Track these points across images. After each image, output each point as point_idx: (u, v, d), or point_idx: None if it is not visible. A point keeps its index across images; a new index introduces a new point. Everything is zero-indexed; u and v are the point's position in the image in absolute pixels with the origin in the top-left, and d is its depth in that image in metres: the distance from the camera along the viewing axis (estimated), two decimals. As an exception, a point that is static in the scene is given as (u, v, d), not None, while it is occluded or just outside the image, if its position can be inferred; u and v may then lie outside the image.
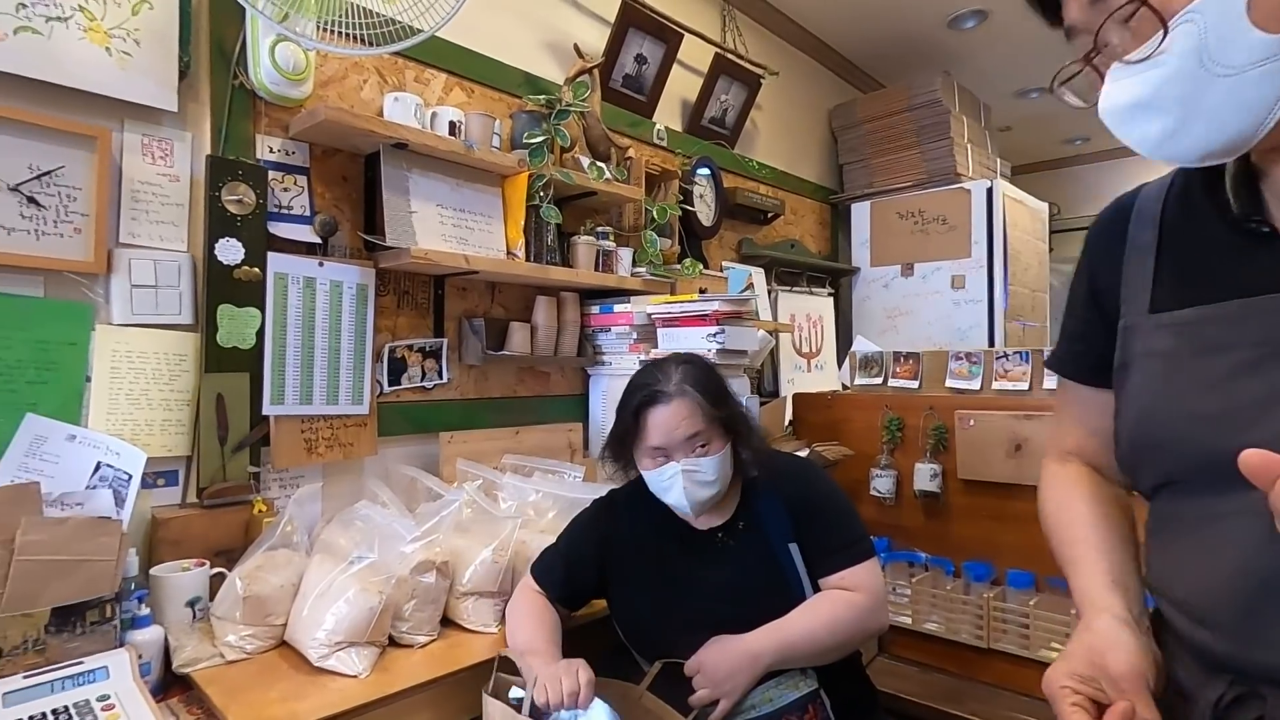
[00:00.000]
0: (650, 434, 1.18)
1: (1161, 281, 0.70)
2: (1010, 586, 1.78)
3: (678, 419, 1.17)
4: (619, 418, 1.25)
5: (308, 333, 1.49)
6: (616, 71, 2.22)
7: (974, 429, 1.87)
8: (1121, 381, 0.73)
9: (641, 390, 1.20)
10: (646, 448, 1.19)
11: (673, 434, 1.17)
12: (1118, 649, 0.62)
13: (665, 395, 1.18)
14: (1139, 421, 0.70)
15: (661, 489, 1.20)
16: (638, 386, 1.23)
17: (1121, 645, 0.62)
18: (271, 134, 1.49)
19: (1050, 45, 3.06)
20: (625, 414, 1.22)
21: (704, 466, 1.17)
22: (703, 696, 1.08)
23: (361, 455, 1.59)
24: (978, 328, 2.80)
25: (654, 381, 1.20)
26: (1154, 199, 0.73)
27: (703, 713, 1.09)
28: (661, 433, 1.17)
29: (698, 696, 1.08)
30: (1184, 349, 0.67)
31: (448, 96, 1.81)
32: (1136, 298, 0.72)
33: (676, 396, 1.18)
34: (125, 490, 1.23)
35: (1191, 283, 0.68)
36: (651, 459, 1.20)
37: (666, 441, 1.17)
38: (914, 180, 3.05)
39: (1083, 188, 4.93)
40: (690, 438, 1.17)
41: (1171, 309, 0.68)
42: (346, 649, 1.13)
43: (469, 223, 1.69)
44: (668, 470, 1.18)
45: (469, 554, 1.33)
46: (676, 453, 1.17)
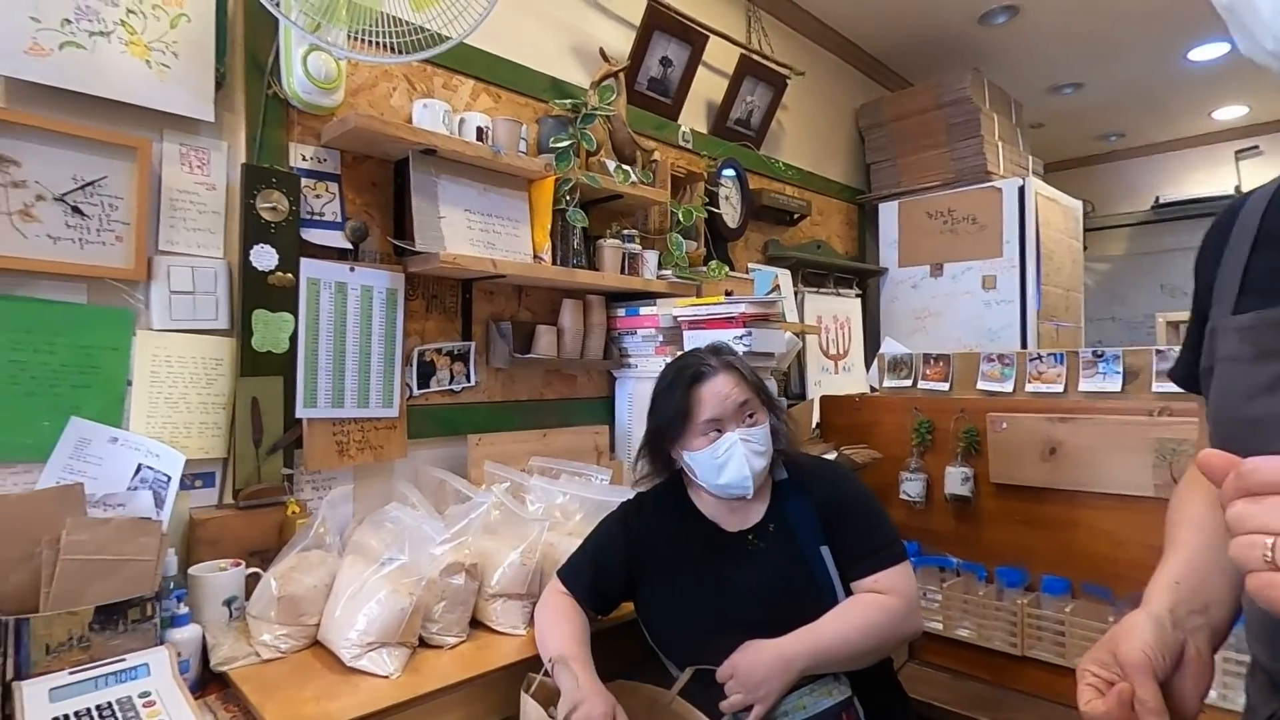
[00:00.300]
0: (704, 407, 1.20)
1: (1248, 284, 0.69)
2: (1045, 593, 1.74)
3: (728, 387, 1.21)
4: (661, 406, 1.26)
5: (339, 337, 1.51)
6: (641, 74, 2.22)
7: (1007, 432, 1.83)
8: (1206, 386, 0.73)
9: (687, 370, 1.24)
10: (699, 424, 1.21)
11: (726, 402, 1.20)
12: (1132, 638, 0.64)
13: (712, 369, 1.23)
14: (1212, 428, 0.70)
15: (717, 466, 1.20)
16: (680, 369, 1.26)
17: (1137, 635, 0.64)
18: (304, 142, 1.52)
19: (1082, 40, 3.01)
20: (672, 396, 1.23)
21: (756, 436, 1.21)
22: (736, 702, 1.07)
23: (391, 457, 1.61)
24: (1010, 329, 2.75)
25: (696, 362, 1.25)
26: (1261, 199, 0.72)
27: (736, 717, 1.09)
28: (715, 402, 1.20)
29: (730, 702, 1.08)
30: (1245, 353, 0.66)
31: (475, 102, 1.82)
32: (1224, 300, 0.71)
33: (722, 369, 1.23)
34: (165, 491, 1.26)
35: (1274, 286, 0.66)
36: (704, 435, 1.21)
37: (721, 411, 1.20)
38: (943, 179, 3.00)
39: (1118, 184, 4.82)
40: (741, 405, 1.21)
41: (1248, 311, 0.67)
42: (378, 649, 1.15)
43: (496, 227, 1.70)
44: (724, 443, 1.19)
45: (497, 556, 1.34)
46: (729, 423, 1.20)
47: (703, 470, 1.22)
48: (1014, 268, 2.76)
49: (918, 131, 3.08)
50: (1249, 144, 4.31)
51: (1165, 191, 4.58)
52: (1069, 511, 1.75)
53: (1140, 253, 4.67)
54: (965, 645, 1.82)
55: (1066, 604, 1.70)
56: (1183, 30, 3.09)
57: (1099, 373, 1.77)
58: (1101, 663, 0.65)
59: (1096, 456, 1.70)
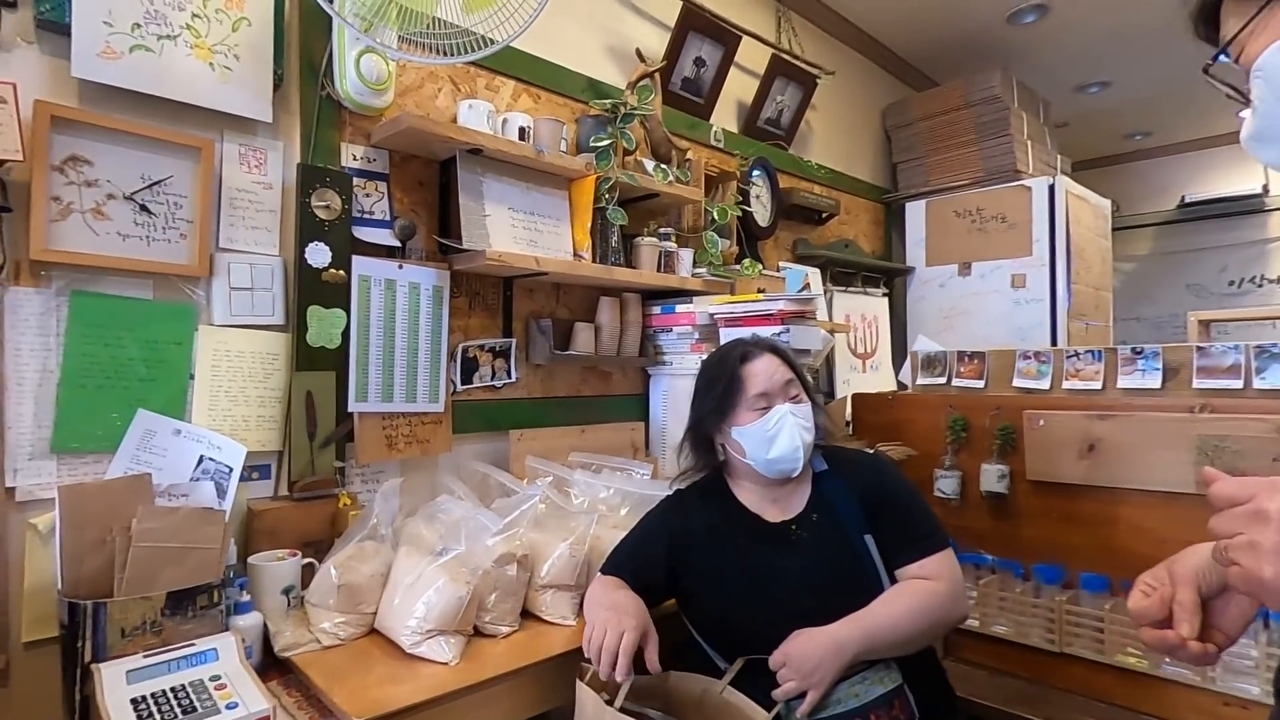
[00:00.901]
0: (754, 381, 1.26)
1: None
2: (1084, 590, 1.74)
3: (773, 366, 1.28)
4: (709, 390, 1.30)
5: (389, 333, 1.54)
6: (675, 75, 2.24)
7: (1043, 429, 1.84)
8: None
9: (734, 352, 1.30)
10: (748, 398, 1.25)
11: (774, 378, 1.26)
12: (1188, 558, 0.72)
13: (758, 351, 1.30)
14: None
15: (768, 439, 1.24)
16: (727, 351, 1.33)
17: (1192, 556, 0.72)
18: (355, 142, 1.55)
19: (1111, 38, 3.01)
20: (722, 374, 1.28)
21: (802, 412, 1.26)
22: (790, 689, 1.09)
23: (437, 451, 1.64)
24: (1039, 327, 2.74)
25: (737, 346, 1.32)
26: None
27: (789, 705, 1.10)
28: (764, 378, 1.26)
29: (784, 689, 1.09)
30: None
31: (516, 103, 1.85)
32: None
33: (767, 350, 1.31)
34: (226, 482, 1.29)
35: None
36: (753, 410, 1.25)
37: (769, 386, 1.25)
38: (971, 178, 3.00)
39: (1144, 184, 4.79)
40: (787, 383, 1.27)
41: None
42: (437, 637, 1.17)
43: (539, 225, 1.73)
44: (774, 415, 1.24)
45: (546, 548, 1.36)
46: (777, 398, 1.25)
47: (752, 445, 1.25)
48: (1044, 266, 2.75)
49: (946, 130, 3.08)
50: (1278, 142, 4.26)
51: (1191, 190, 4.54)
52: (1108, 509, 1.75)
53: (1166, 252, 4.63)
54: (1002, 642, 1.82)
55: (1106, 601, 1.70)
56: (1214, 28, 3.06)
57: (1138, 369, 1.77)
58: (1156, 576, 0.74)
59: (1136, 453, 1.70)
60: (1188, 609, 0.68)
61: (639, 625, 1.10)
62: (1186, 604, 0.68)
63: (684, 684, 1.17)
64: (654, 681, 1.16)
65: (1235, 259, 4.39)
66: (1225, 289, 4.39)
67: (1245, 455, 1.55)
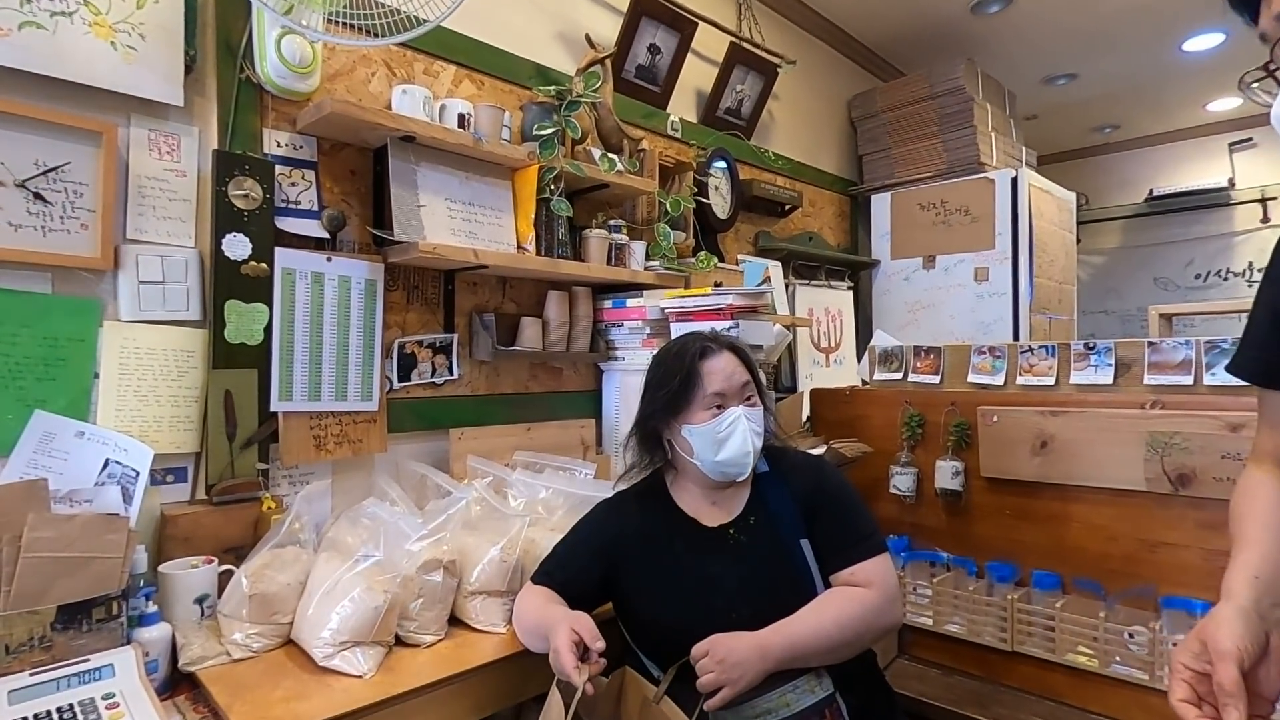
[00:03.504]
0: (710, 380, 1.21)
1: None
2: (1035, 588, 1.72)
3: (732, 366, 1.23)
4: (662, 383, 1.25)
5: (316, 328, 1.47)
6: (629, 62, 2.18)
7: (997, 425, 1.81)
8: None
9: (693, 346, 1.25)
10: (704, 397, 1.21)
11: (731, 378, 1.22)
12: (1221, 629, 0.70)
13: (717, 348, 1.25)
14: None
15: (719, 441, 1.20)
16: (685, 344, 1.27)
17: (1226, 626, 0.70)
18: (279, 128, 1.48)
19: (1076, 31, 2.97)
20: (677, 371, 1.23)
21: (755, 416, 1.22)
22: (709, 680, 1.03)
23: (371, 452, 1.58)
24: (1001, 321, 2.73)
25: (697, 340, 1.26)
26: None
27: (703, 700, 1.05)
28: (721, 377, 1.21)
29: (703, 681, 1.04)
30: None
31: (457, 89, 1.79)
32: None
33: (726, 349, 1.25)
34: (133, 487, 1.22)
35: None
36: (708, 410, 1.21)
37: (726, 386, 1.21)
38: (936, 170, 2.97)
39: (1112, 177, 4.81)
40: (744, 385, 1.23)
41: None
42: (351, 649, 1.12)
43: (479, 216, 1.67)
44: (728, 416, 1.20)
45: (477, 552, 1.31)
46: (732, 399, 1.22)
47: (702, 446, 1.21)
48: (1006, 260, 2.73)
49: (911, 122, 3.05)
50: (1243, 136, 4.29)
51: (1159, 184, 4.56)
52: (1061, 506, 1.73)
53: (1134, 245, 4.66)
54: (955, 640, 1.80)
55: (1057, 599, 1.68)
56: (1177, 21, 3.06)
57: (1090, 365, 1.74)
58: (1194, 653, 0.71)
59: (1088, 450, 1.68)
60: (1232, 692, 0.65)
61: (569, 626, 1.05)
62: (1229, 686, 0.66)
63: (630, 691, 1.13)
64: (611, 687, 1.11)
65: (1201, 252, 4.42)
66: (1191, 282, 4.43)
67: (1194, 452, 1.53)
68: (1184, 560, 1.56)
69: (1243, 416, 1.46)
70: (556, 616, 1.08)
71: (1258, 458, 0.92)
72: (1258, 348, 0.86)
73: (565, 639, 1.01)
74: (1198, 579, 1.53)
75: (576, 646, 1.02)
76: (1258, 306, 0.87)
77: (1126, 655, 1.57)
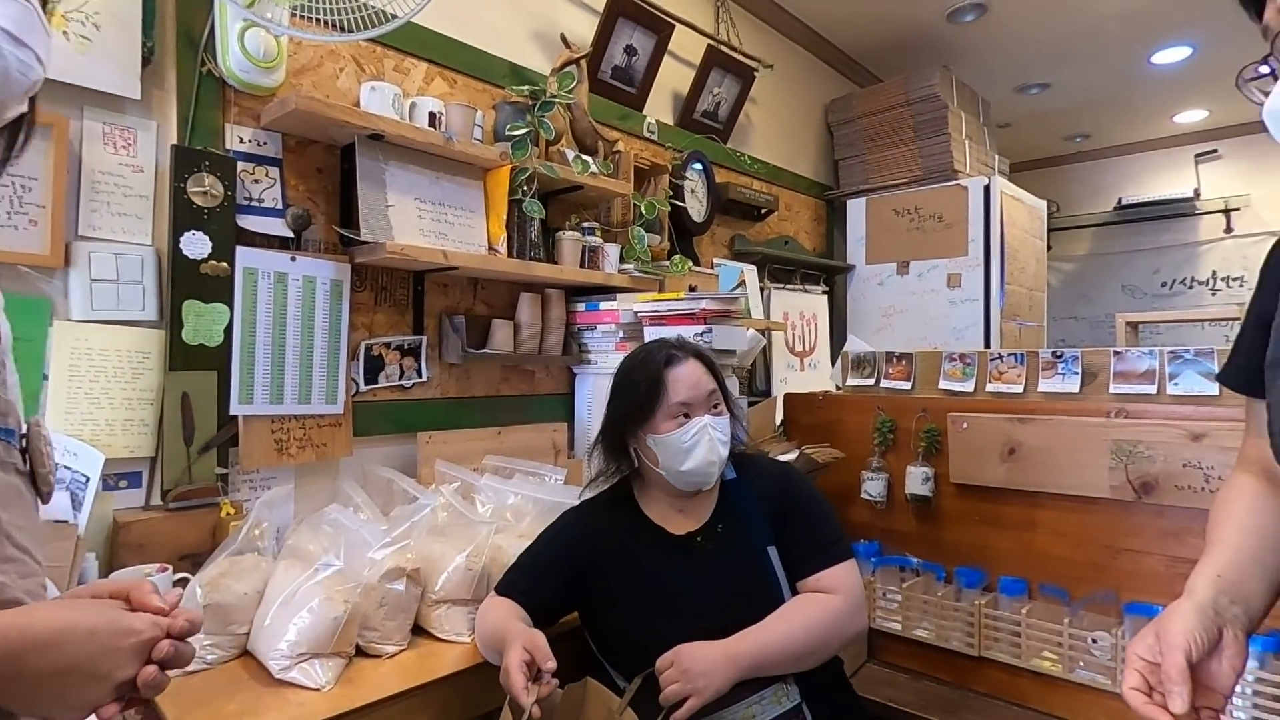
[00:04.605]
0: (676, 389, 1.19)
1: None
2: (1003, 594, 1.74)
3: (698, 374, 1.22)
4: (628, 391, 1.24)
5: (279, 330, 1.44)
6: (605, 63, 2.16)
7: (967, 432, 1.82)
8: (1273, 378, 0.79)
9: (658, 354, 1.23)
10: (669, 406, 1.19)
11: (697, 387, 1.20)
12: (1174, 621, 0.72)
13: (683, 356, 1.23)
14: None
15: (684, 450, 1.18)
16: (650, 352, 1.26)
17: (1178, 619, 0.72)
18: (242, 123, 1.44)
19: (1050, 41, 3.00)
20: (642, 379, 1.22)
21: (721, 425, 1.21)
22: (674, 691, 1.02)
23: (336, 456, 1.54)
24: (974, 327, 2.75)
25: (663, 348, 1.25)
26: None
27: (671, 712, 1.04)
28: (687, 386, 1.20)
29: (668, 691, 1.03)
30: None
31: (429, 87, 1.75)
32: None
33: (692, 357, 1.24)
34: (83, 493, 1.18)
35: None
36: (673, 419, 1.19)
37: (692, 395, 1.20)
38: (910, 177, 3.00)
39: (1083, 185, 4.89)
40: (710, 394, 1.22)
41: None
42: (309, 660, 1.09)
43: (449, 217, 1.64)
44: (693, 426, 1.19)
45: (442, 560, 1.28)
46: (698, 409, 1.20)
47: (667, 455, 1.19)
48: (979, 266, 2.76)
49: (886, 128, 3.07)
50: (1208, 148, 4.39)
51: (1128, 193, 4.65)
52: (1028, 512, 1.74)
53: (1103, 253, 4.74)
54: (924, 645, 1.81)
55: (1024, 605, 1.69)
56: (1147, 33, 3.12)
57: (1058, 373, 1.76)
58: (1148, 645, 0.73)
59: (1055, 457, 1.69)
60: (1176, 679, 0.67)
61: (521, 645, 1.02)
62: (1174, 674, 0.67)
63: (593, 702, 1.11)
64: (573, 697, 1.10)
65: (1168, 261, 4.51)
66: (1158, 290, 4.52)
67: (1157, 460, 1.55)
68: (1146, 567, 1.58)
69: (1204, 426, 1.49)
70: (512, 633, 1.06)
71: (1243, 464, 0.93)
72: (1245, 356, 0.87)
73: (516, 658, 0.99)
74: (1159, 585, 1.55)
75: (528, 666, 1.00)
76: (1249, 315, 0.88)
77: (1090, 661, 1.59)
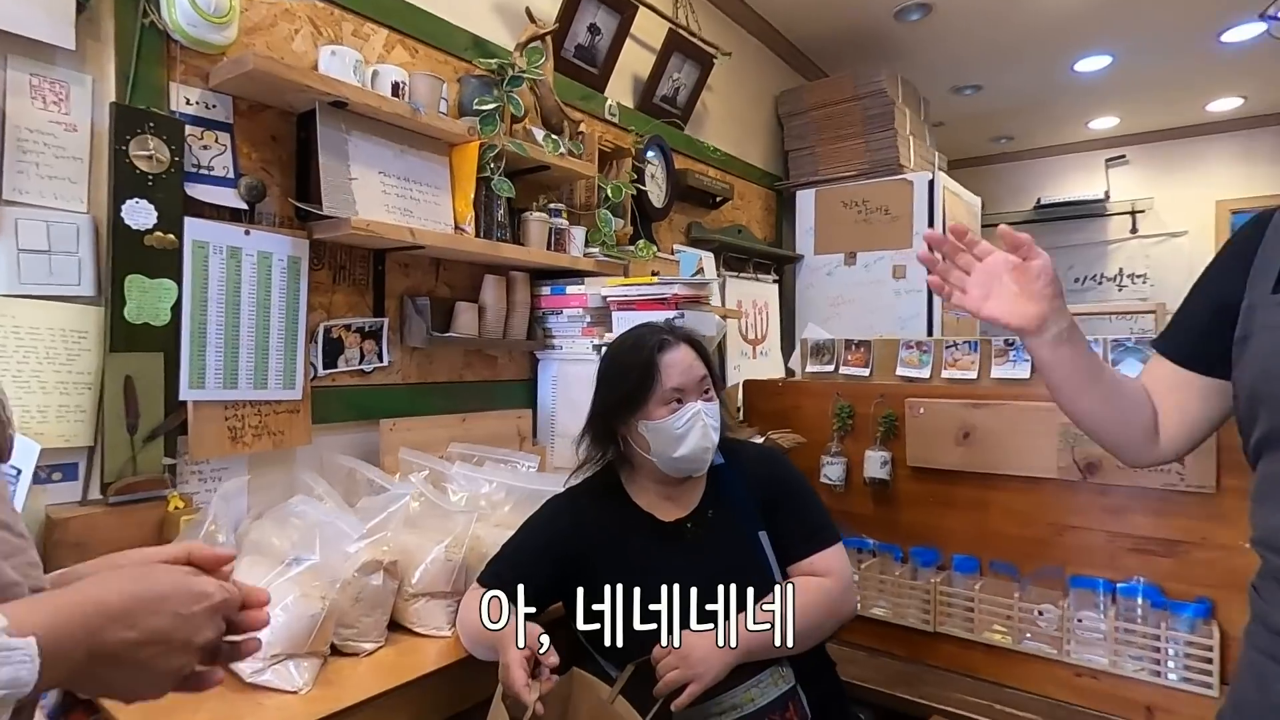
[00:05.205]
0: (669, 375, 1.17)
1: None
2: (956, 571, 1.82)
3: (690, 359, 1.20)
4: (617, 378, 1.21)
5: (232, 309, 1.33)
6: (569, 41, 2.11)
7: (924, 417, 1.89)
8: (1240, 352, 0.85)
9: (649, 339, 1.21)
10: (662, 393, 1.17)
11: (689, 372, 1.19)
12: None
13: (674, 341, 1.21)
14: (1256, 379, 0.82)
15: (677, 436, 1.17)
16: (642, 337, 1.23)
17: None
18: (188, 83, 1.32)
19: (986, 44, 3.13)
20: (635, 364, 1.19)
21: (713, 411, 1.20)
22: (673, 678, 1.02)
23: (293, 444, 1.45)
24: (918, 317, 2.86)
25: (654, 333, 1.22)
26: None
27: (666, 702, 1.03)
28: (679, 371, 1.18)
29: (667, 679, 1.02)
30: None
31: (389, 55, 1.66)
32: (1260, 283, 0.84)
33: (684, 342, 1.22)
34: (13, 488, 1.06)
35: None
36: (666, 405, 1.17)
37: (685, 381, 1.18)
38: (858, 170, 3.07)
39: (1003, 185, 5.15)
40: (701, 379, 1.20)
41: None
42: (284, 662, 1.02)
43: (414, 193, 1.56)
44: (686, 411, 1.17)
45: (419, 552, 1.22)
46: (691, 394, 1.19)
47: (659, 442, 1.18)
48: (923, 259, 2.86)
49: (835, 121, 3.13)
50: (1117, 153, 4.71)
51: (1046, 193, 4.94)
52: (980, 493, 1.82)
53: (1023, 249, 5.01)
54: (881, 623, 1.87)
55: (976, 581, 1.77)
56: (1074, 41, 3.30)
57: (1010, 360, 1.84)
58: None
59: (1006, 441, 1.77)
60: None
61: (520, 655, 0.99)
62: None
63: (587, 689, 1.08)
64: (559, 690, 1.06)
65: (1080, 258, 4.82)
66: (1072, 285, 4.82)
67: (1101, 441, 1.65)
68: (1090, 542, 1.69)
69: (1144, 409, 1.59)
70: (507, 628, 1.02)
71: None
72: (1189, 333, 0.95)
73: (516, 654, 0.96)
74: (1102, 559, 1.65)
75: (527, 662, 0.96)
76: (1197, 295, 0.95)
77: (1036, 632, 1.68)
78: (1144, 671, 1.52)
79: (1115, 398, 0.97)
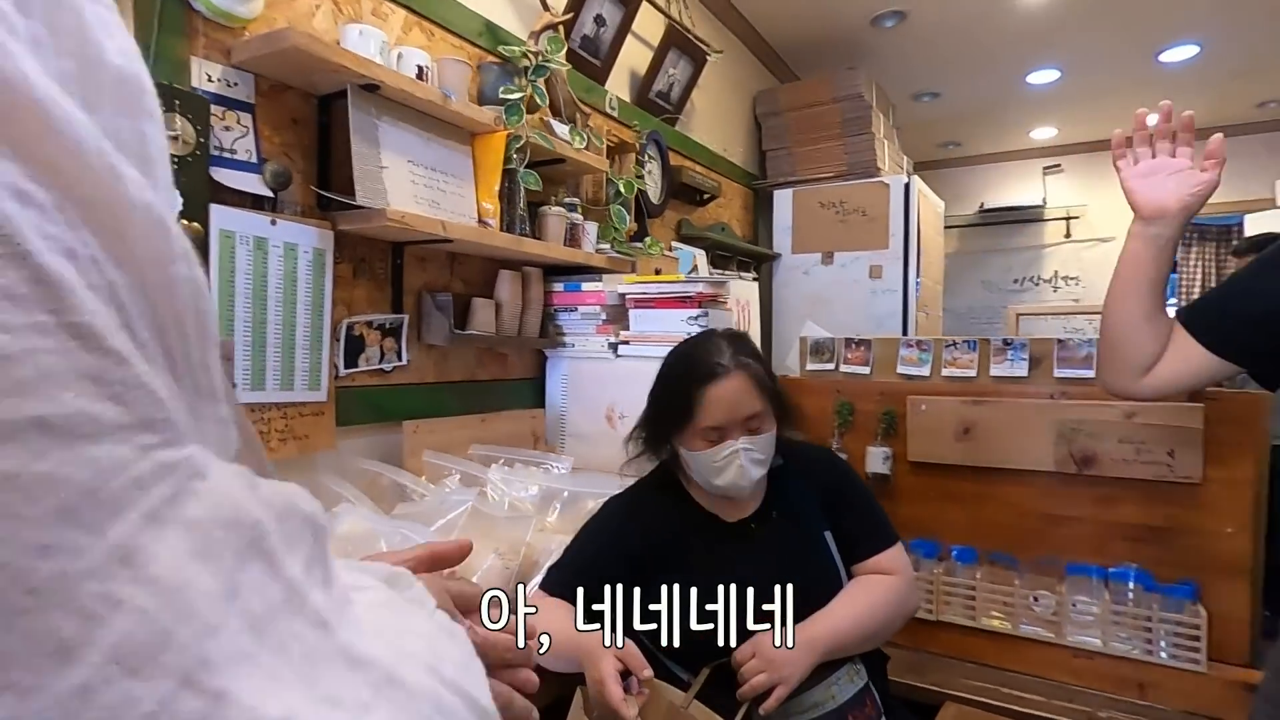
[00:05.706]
0: (708, 412, 1.11)
1: None
2: (957, 561, 1.89)
3: (738, 395, 1.11)
4: (663, 395, 1.17)
5: (259, 305, 1.24)
6: (575, 31, 2.06)
7: (925, 413, 1.96)
8: None
9: (699, 365, 1.13)
10: (700, 428, 1.12)
11: (734, 410, 1.11)
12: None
13: (724, 370, 1.12)
14: None
15: (713, 470, 1.13)
16: (692, 361, 1.16)
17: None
18: (210, 58, 1.22)
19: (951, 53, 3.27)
20: (676, 391, 1.14)
21: (758, 444, 1.13)
22: (760, 682, 1.01)
23: (318, 449, 1.36)
24: (893, 317, 2.95)
25: (709, 355, 1.14)
26: None
27: (754, 706, 1.04)
28: (722, 409, 1.11)
29: (752, 683, 1.02)
30: None
31: (407, 36, 1.58)
32: None
33: (736, 371, 1.12)
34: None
35: None
36: (704, 439, 1.13)
37: (727, 420, 1.11)
38: (836, 171, 3.14)
39: (949, 189, 5.37)
40: (748, 418, 1.12)
41: None
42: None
43: (441, 184, 1.49)
44: (724, 450, 1.12)
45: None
46: (733, 431, 1.12)
47: (698, 468, 1.16)
48: (898, 259, 2.96)
49: (813, 123, 3.19)
50: (1054, 162, 5.00)
51: (989, 198, 5.19)
52: (981, 487, 1.91)
53: (967, 251, 5.26)
54: (885, 614, 1.93)
55: (975, 570, 1.86)
56: (1030, 54, 3.48)
57: (1008, 359, 1.93)
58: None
59: (1005, 436, 1.86)
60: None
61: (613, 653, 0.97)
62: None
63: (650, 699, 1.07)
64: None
65: (1019, 261, 5.10)
66: (1011, 286, 5.10)
67: (1095, 436, 1.76)
68: (1083, 532, 1.79)
69: (1136, 406, 1.69)
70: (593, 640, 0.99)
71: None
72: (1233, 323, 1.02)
73: (611, 668, 0.93)
74: (1095, 547, 1.76)
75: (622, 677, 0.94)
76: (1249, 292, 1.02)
77: (1033, 617, 1.77)
78: (1136, 651, 1.63)
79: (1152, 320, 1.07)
